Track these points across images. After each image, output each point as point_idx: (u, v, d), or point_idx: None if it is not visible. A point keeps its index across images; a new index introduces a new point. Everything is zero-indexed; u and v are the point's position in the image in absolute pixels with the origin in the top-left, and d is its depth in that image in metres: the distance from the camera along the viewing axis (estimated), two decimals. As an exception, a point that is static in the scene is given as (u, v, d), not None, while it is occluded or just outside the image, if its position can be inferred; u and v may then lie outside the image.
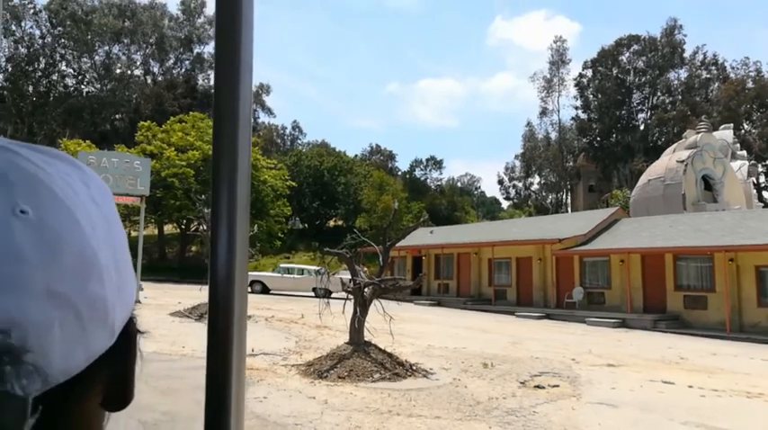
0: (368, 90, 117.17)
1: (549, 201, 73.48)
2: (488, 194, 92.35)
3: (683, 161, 29.14)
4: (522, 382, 9.31)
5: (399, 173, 69.25)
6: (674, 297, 20.54)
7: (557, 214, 47.14)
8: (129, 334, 0.43)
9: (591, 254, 23.15)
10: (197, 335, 12.80)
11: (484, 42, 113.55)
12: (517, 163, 75.04)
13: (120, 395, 0.43)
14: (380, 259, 10.54)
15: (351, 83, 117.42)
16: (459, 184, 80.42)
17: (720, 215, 23.04)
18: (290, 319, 17.40)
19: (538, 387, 8.96)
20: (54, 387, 0.34)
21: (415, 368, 9.73)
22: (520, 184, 76.65)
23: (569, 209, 68.51)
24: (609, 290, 22.56)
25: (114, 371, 0.41)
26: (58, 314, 0.35)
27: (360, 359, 9.43)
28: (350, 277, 10.66)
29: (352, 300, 10.26)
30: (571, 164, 67.58)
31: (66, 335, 0.35)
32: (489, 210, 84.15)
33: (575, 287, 23.44)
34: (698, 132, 30.86)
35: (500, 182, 77.26)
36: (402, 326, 13.97)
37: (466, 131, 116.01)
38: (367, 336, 10.18)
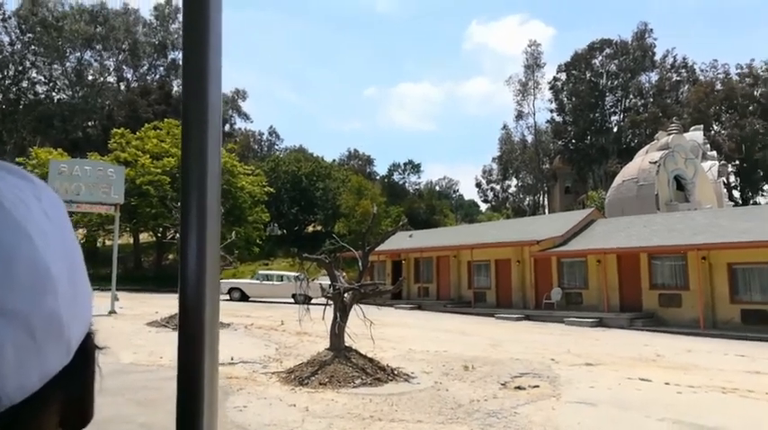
0: (346, 94, 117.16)
1: (526, 203, 74.19)
2: (467, 197, 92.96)
3: (655, 162, 29.71)
4: (502, 384, 9.36)
5: (377, 177, 69.30)
6: (649, 295, 20.89)
7: (534, 216, 47.62)
8: (87, 350, 0.42)
9: (568, 254, 23.43)
10: (175, 345, 12.59)
11: (460, 46, 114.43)
12: (494, 166, 75.65)
13: (79, 415, 0.42)
14: (360, 264, 10.51)
15: (328, 87, 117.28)
16: (437, 188, 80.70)
17: (692, 214, 23.52)
18: (270, 326, 17.26)
19: (518, 388, 9.02)
20: (6, 409, 0.33)
21: (396, 372, 9.73)
22: (497, 187, 77.26)
23: (546, 210, 69.28)
24: (586, 290, 22.85)
25: (72, 391, 0.40)
26: (11, 332, 0.34)
27: (341, 365, 9.38)
28: (329, 283, 10.62)
29: (332, 306, 10.21)
30: (547, 166, 68.39)
31: (20, 355, 0.34)
32: (468, 212, 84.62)
33: (553, 288, 23.69)
34: (669, 134, 31.52)
35: (478, 185, 77.78)
36: (383, 330, 13.95)
37: (443, 135, 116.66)
38: (348, 342, 10.15)
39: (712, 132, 46.64)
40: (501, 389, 8.98)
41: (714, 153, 36.61)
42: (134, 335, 13.93)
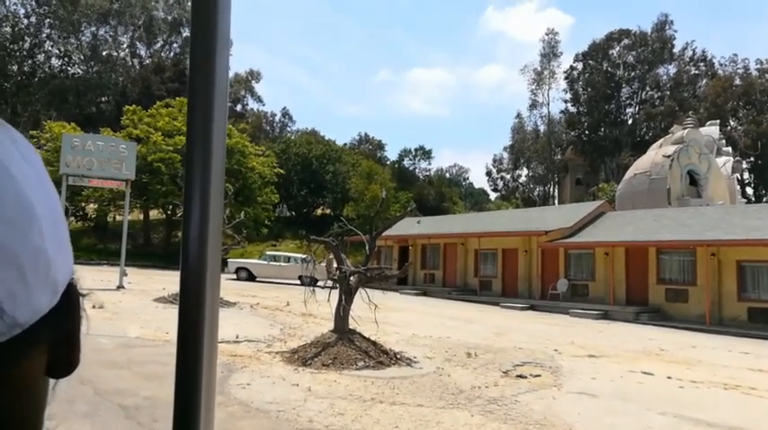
0: (359, 78, 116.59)
1: (536, 193, 73.88)
2: (476, 185, 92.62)
3: (669, 156, 29.40)
4: (504, 372, 9.40)
5: (388, 162, 69.14)
6: (655, 290, 20.81)
7: (543, 206, 47.38)
8: (72, 295, 0.42)
9: (576, 246, 23.34)
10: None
11: (475, 33, 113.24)
12: (505, 155, 75.31)
13: (66, 358, 0.42)
14: (367, 248, 10.54)
15: (342, 71, 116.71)
16: (447, 175, 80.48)
17: (703, 210, 23.31)
18: (276, 307, 17.40)
19: (520, 376, 9.06)
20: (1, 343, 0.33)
21: (399, 356, 9.79)
22: (508, 176, 76.97)
23: (557, 201, 68.96)
24: (593, 282, 22.78)
25: (59, 333, 0.40)
26: (1, 266, 0.34)
27: (344, 347, 9.45)
28: (336, 265, 10.67)
29: (338, 289, 10.26)
30: (559, 157, 67.92)
31: (11, 289, 0.35)
32: (477, 201, 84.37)
33: (559, 279, 23.65)
34: (684, 128, 31.14)
35: (488, 173, 77.53)
36: (387, 315, 14.02)
37: (456, 122, 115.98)
38: (352, 325, 10.21)
39: (728, 128, 46.03)
40: (503, 377, 9.02)
41: (729, 149, 36.15)
42: (141, 311, 14.10)
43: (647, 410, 7.33)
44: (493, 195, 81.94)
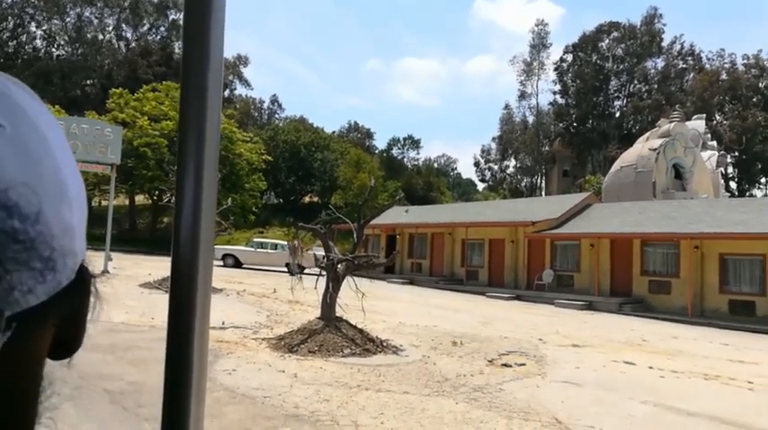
0: (349, 67, 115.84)
1: (523, 184, 74.22)
2: (464, 176, 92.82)
3: (655, 149, 29.65)
4: (489, 361, 9.48)
5: (376, 151, 69.00)
6: (639, 281, 21.07)
7: (531, 197, 47.61)
8: (84, 273, 0.41)
9: (562, 237, 23.53)
10: (167, 307, 12.66)
11: (467, 23, 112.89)
12: (493, 145, 75.48)
13: (71, 339, 0.41)
14: (355, 236, 10.53)
15: (332, 59, 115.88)
16: (435, 165, 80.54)
17: (688, 203, 23.59)
18: (262, 294, 17.37)
19: (505, 365, 9.14)
20: (17, 313, 0.33)
21: (385, 344, 9.83)
22: (495, 167, 77.21)
23: (543, 193, 69.33)
24: (578, 273, 23.01)
25: (69, 310, 0.39)
26: (42, 236, 0.34)
27: (331, 334, 9.47)
28: (323, 253, 10.66)
29: (325, 276, 10.26)
30: (547, 148, 68.20)
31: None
32: (465, 191, 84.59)
33: (545, 269, 23.84)
34: (671, 121, 31.39)
35: (476, 164, 77.64)
36: (374, 303, 14.03)
37: (445, 112, 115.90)
38: (339, 312, 10.22)
39: (714, 122, 46.47)
40: (488, 365, 9.09)
41: (714, 143, 36.54)
42: (126, 296, 13.99)
43: (629, 399, 7.44)
44: (480, 186, 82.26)
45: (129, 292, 14.86)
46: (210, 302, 0.69)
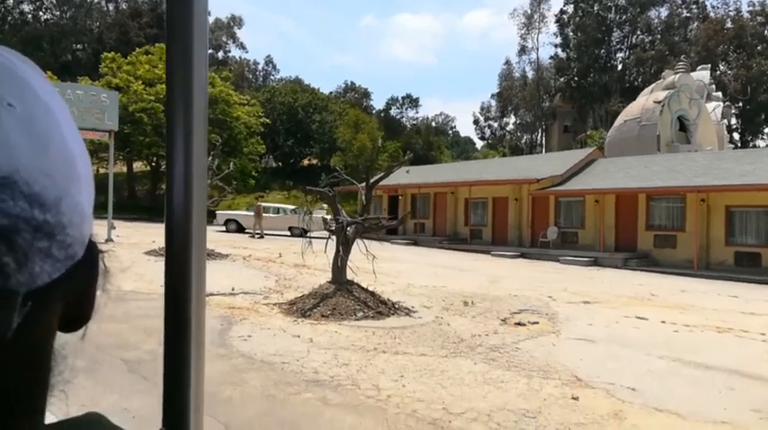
0: (342, 25, 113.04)
1: (523, 141, 73.59)
2: (462, 134, 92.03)
3: (660, 102, 29.18)
4: (502, 320, 9.47)
5: (374, 111, 68.09)
6: (644, 236, 21.04)
7: (532, 155, 47.20)
8: (93, 248, 0.42)
9: (566, 194, 23.38)
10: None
11: None
12: (493, 102, 74.51)
13: (80, 313, 0.42)
14: (363, 197, 10.38)
15: (326, 15, 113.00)
16: (433, 124, 79.72)
17: (693, 156, 23.36)
18: (268, 259, 17.32)
19: (518, 324, 9.13)
20: (37, 288, 0.34)
21: (397, 306, 9.80)
22: (495, 124, 76.45)
23: (544, 149, 68.80)
24: (582, 229, 22.96)
25: (79, 286, 0.40)
26: (49, 218, 0.34)
27: (343, 298, 9.43)
28: (329, 216, 10.54)
29: (334, 239, 10.15)
30: (547, 104, 67.29)
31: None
32: (463, 150, 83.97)
33: (549, 227, 23.79)
34: (676, 73, 30.80)
35: (475, 122, 76.80)
36: (381, 265, 13.94)
37: (442, 70, 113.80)
38: (349, 275, 10.16)
39: (718, 72, 45.65)
40: (501, 325, 9.08)
41: (719, 94, 35.95)
42: (133, 264, 13.93)
43: (646, 355, 7.44)
44: (479, 144, 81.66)
45: (136, 260, 14.80)
46: (206, 267, 0.69)
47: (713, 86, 35.97)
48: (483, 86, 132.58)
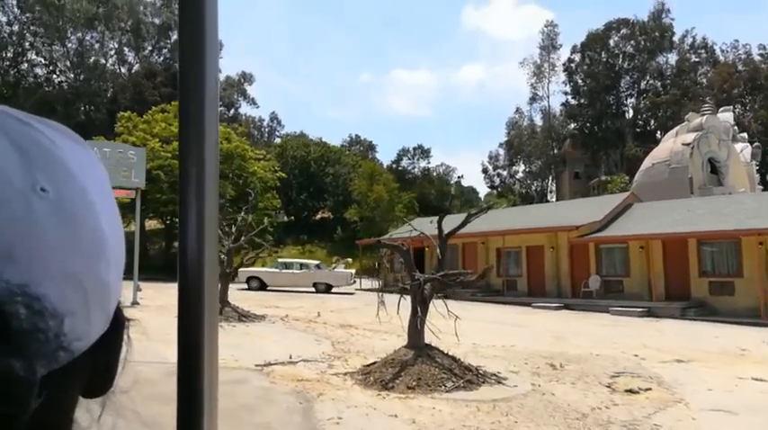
0: (341, 81, 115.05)
1: (533, 188, 73.13)
2: (464, 184, 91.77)
3: (689, 144, 28.61)
4: (607, 386, 8.32)
5: (379, 163, 67.97)
6: (698, 283, 19.88)
7: (562, 201, 46.26)
8: (119, 320, 0.42)
9: (608, 241, 22.38)
10: (220, 341, 11.52)
11: (456, 32, 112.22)
12: (501, 151, 74.59)
13: (103, 382, 0.42)
14: (438, 251, 9.42)
15: (324, 73, 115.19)
16: (435, 174, 79.63)
17: (740, 198, 22.50)
18: (307, 318, 16.18)
19: (630, 391, 7.97)
20: (54, 371, 0.33)
21: (482, 372, 8.67)
22: (504, 173, 76.32)
23: (555, 196, 68.25)
24: (628, 277, 21.81)
25: (102, 359, 0.40)
26: (73, 296, 0.34)
27: (425, 365, 8.32)
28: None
29: (411, 299, 9.12)
30: (556, 151, 67.20)
31: (74, 320, 0.34)
32: (467, 199, 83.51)
33: (590, 275, 22.66)
34: (702, 115, 30.37)
35: (484, 170, 76.70)
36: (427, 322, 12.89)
37: (438, 122, 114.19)
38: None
39: (735, 113, 45.42)
40: (611, 392, 7.93)
41: (745, 135, 35.50)
42: (171, 330, 12.76)
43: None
44: (483, 193, 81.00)
45: (171, 325, 13.63)
46: (218, 321, 0.69)
47: (736, 128, 35.57)
48: (482, 136, 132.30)
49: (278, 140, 64.80)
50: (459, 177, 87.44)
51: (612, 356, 10.81)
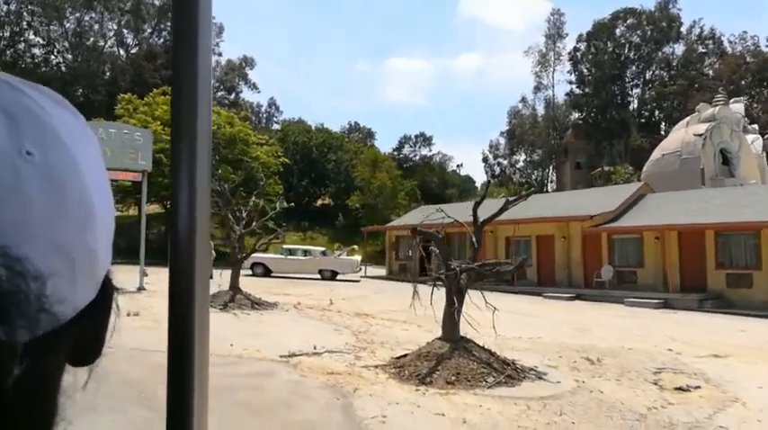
0: (338, 70, 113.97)
1: (534, 178, 72.71)
2: (462, 173, 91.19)
3: (700, 134, 28.18)
4: (654, 383, 7.93)
5: (378, 150, 67.23)
6: (715, 275, 19.56)
7: (572, 190, 45.75)
8: (108, 290, 0.42)
9: (622, 231, 22.02)
10: (234, 330, 11.08)
11: (453, 21, 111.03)
12: (502, 140, 74.08)
13: (92, 350, 0.42)
14: (474, 239, 8.98)
15: (320, 61, 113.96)
16: (436, 161, 78.99)
17: (755, 189, 22.17)
18: (320, 306, 15.76)
19: (681, 389, 7.58)
20: (38, 337, 0.33)
21: (519, 367, 8.26)
22: (504, 162, 75.91)
23: (555, 186, 67.91)
24: (641, 268, 21.48)
25: (89, 326, 0.40)
26: (59, 265, 0.34)
27: (463, 359, 7.90)
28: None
29: (446, 289, 8.68)
30: (558, 141, 66.70)
31: (60, 287, 0.34)
32: (464, 188, 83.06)
33: (603, 266, 22.31)
34: (714, 105, 29.92)
35: (484, 159, 76.26)
36: (439, 313, 12.48)
37: (436, 111, 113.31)
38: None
39: (744, 105, 45.01)
40: (661, 390, 7.54)
41: (755, 126, 35.08)
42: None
43: None
44: (479, 182, 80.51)
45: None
46: (209, 313, 0.68)
47: (746, 119, 35.14)
48: (480, 125, 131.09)
49: (276, 126, 64.06)
50: (458, 166, 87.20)
51: (646, 350, 10.43)
